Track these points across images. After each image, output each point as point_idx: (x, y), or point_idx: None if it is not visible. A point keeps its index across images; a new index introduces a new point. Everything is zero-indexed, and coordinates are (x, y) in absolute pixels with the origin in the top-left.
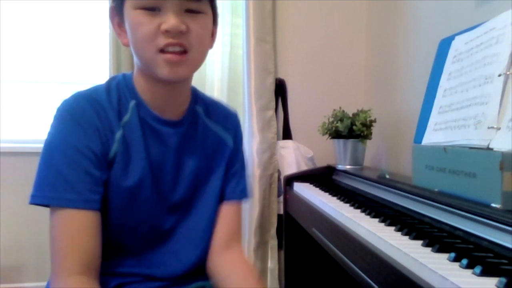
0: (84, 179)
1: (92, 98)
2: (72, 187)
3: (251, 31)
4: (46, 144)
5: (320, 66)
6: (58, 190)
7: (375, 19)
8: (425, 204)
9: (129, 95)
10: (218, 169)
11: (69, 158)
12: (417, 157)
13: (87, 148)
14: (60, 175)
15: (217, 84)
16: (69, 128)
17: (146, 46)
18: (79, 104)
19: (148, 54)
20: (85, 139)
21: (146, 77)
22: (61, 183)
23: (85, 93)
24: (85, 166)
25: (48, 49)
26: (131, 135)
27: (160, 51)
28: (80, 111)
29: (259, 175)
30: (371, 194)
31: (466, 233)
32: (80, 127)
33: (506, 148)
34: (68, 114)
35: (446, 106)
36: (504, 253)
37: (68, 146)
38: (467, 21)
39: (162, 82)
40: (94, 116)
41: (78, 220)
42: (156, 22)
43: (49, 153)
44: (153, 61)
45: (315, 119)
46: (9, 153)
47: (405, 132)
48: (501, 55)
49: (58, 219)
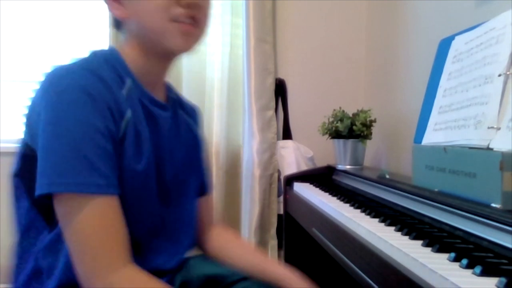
0: (108, 162)
1: (98, 74)
2: (99, 172)
3: (251, 31)
4: (55, 124)
5: (320, 66)
6: (84, 175)
7: (375, 19)
8: (425, 204)
9: (123, 72)
10: (198, 161)
11: (91, 139)
12: (417, 157)
13: (107, 129)
14: (84, 158)
15: (217, 84)
16: (86, 106)
17: (158, 15)
18: (89, 80)
19: (159, 23)
20: (103, 119)
21: (144, 52)
22: (86, 167)
23: (87, 67)
24: (108, 148)
25: (48, 49)
26: (137, 116)
27: (173, 20)
28: (92, 88)
29: (259, 175)
30: (371, 194)
31: (466, 233)
32: (97, 105)
33: (506, 148)
34: (80, 90)
35: (446, 106)
36: (504, 253)
37: (89, 126)
38: (467, 21)
39: (164, 55)
40: (106, 93)
41: (113, 207)
42: None
43: (64, 133)
44: (164, 30)
45: (315, 119)
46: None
47: (405, 132)
48: (501, 55)
49: (89, 209)
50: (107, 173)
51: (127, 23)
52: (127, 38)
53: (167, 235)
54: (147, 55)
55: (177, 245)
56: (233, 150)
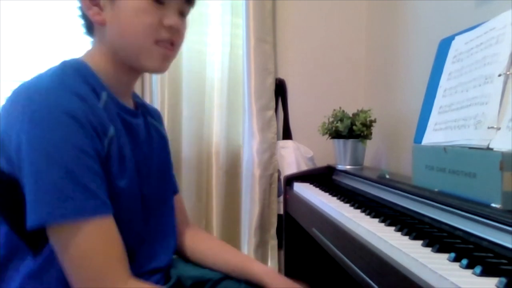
0: (99, 183)
1: (76, 92)
2: (94, 194)
3: (251, 31)
4: (43, 149)
5: (320, 66)
6: (80, 199)
7: (375, 19)
8: (425, 204)
9: (96, 85)
10: (169, 163)
11: (82, 162)
12: (417, 157)
13: (94, 150)
14: (78, 182)
15: (217, 84)
16: (72, 129)
17: (144, 35)
18: (71, 100)
19: (143, 43)
20: (90, 140)
21: (116, 62)
22: (80, 191)
23: (64, 85)
24: (97, 169)
25: (48, 50)
26: (118, 130)
27: (156, 43)
28: (75, 109)
29: (259, 175)
30: (371, 194)
31: (466, 233)
32: (82, 126)
33: (506, 148)
34: (63, 112)
35: (446, 106)
36: (504, 253)
37: (78, 149)
38: (467, 21)
39: (136, 70)
40: (89, 113)
41: (110, 226)
42: (159, 15)
43: (54, 159)
44: (147, 51)
45: (315, 119)
46: None
47: (405, 132)
48: (501, 55)
49: (88, 232)
50: (100, 194)
51: (102, 31)
52: (98, 45)
53: (156, 240)
54: (119, 66)
55: (166, 246)
56: (233, 150)
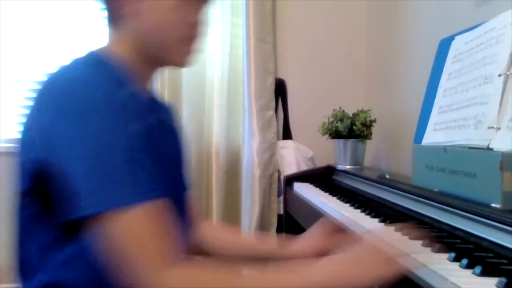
0: (153, 166)
1: (115, 79)
2: (149, 176)
3: (251, 31)
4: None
5: (320, 66)
6: (139, 184)
7: (375, 19)
8: (425, 204)
9: (125, 77)
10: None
11: (135, 145)
12: (417, 157)
13: (141, 135)
14: (134, 165)
15: (217, 84)
16: (119, 112)
17: (173, 32)
18: (111, 86)
19: (171, 40)
20: (137, 124)
21: (142, 57)
22: (136, 174)
23: (101, 72)
24: (146, 154)
25: (48, 50)
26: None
27: (182, 40)
28: (119, 94)
29: (259, 175)
30: (371, 194)
31: (466, 233)
32: (129, 110)
33: (506, 148)
34: (111, 99)
35: (446, 106)
36: (504, 253)
37: (129, 132)
38: (467, 21)
39: (160, 64)
40: (131, 100)
41: (165, 209)
42: (190, 13)
43: (108, 145)
44: (174, 48)
45: (315, 119)
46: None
47: (405, 132)
48: (501, 55)
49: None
50: (157, 177)
51: (129, 23)
52: (123, 37)
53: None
54: (144, 58)
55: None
56: (233, 150)
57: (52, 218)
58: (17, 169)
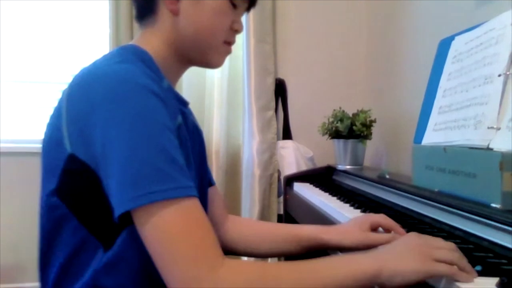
0: (184, 163)
1: (147, 73)
2: (185, 173)
3: (251, 31)
4: (132, 131)
5: (320, 66)
6: (178, 179)
7: (375, 19)
8: (425, 204)
9: (157, 73)
10: (205, 154)
11: (171, 140)
12: (417, 157)
13: (174, 131)
14: (172, 160)
15: (217, 84)
16: (158, 107)
17: (217, 34)
18: (146, 79)
19: (215, 41)
20: (171, 119)
21: (177, 54)
22: (176, 169)
23: (135, 66)
24: (179, 150)
25: (48, 49)
26: (182, 119)
27: (225, 43)
28: (156, 89)
29: (259, 175)
30: (371, 194)
31: (466, 233)
32: (163, 104)
33: (506, 148)
34: (149, 92)
35: (446, 106)
36: (504, 253)
37: (165, 126)
38: (467, 21)
39: (194, 63)
40: (163, 95)
41: (200, 206)
42: (231, 18)
43: (147, 138)
44: (216, 48)
45: (315, 119)
46: (9, 153)
47: (405, 132)
48: (501, 55)
49: (182, 211)
50: (189, 175)
51: (169, 20)
52: (159, 33)
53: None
54: (178, 56)
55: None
56: (233, 150)
57: (82, 219)
58: (43, 169)
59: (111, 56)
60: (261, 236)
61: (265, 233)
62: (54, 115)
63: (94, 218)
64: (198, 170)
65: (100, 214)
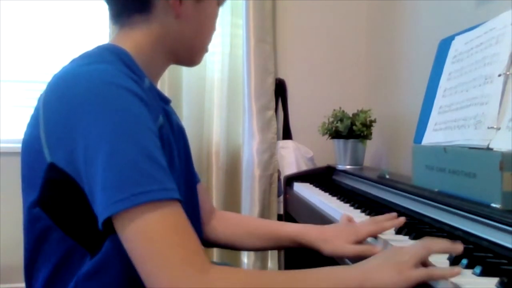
0: (167, 165)
1: (127, 73)
2: (169, 175)
3: (251, 31)
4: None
5: (320, 66)
6: (161, 181)
7: (375, 19)
8: (425, 204)
9: (138, 72)
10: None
11: (152, 140)
12: (417, 157)
13: (156, 132)
14: (156, 162)
15: (217, 84)
16: (136, 105)
17: (207, 38)
18: (127, 80)
19: (206, 43)
20: (154, 122)
21: (163, 53)
22: (160, 171)
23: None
24: (161, 150)
25: (48, 49)
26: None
27: (208, 43)
28: (133, 87)
29: (259, 175)
30: (371, 194)
31: (466, 233)
32: (144, 103)
33: (506, 148)
34: (124, 90)
35: (446, 106)
36: (504, 253)
37: (146, 127)
38: (467, 21)
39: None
40: (144, 96)
41: (182, 210)
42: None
43: (129, 137)
44: (201, 50)
45: (315, 119)
46: (9, 153)
47: (405, 132)
48: (501, 55)
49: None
50: (171, 178)
51: (164, 21)
52: (149, 31)
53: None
54: (164, 55)
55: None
56: (233, 150)
57: (67, 229)
58: (23, 181)
59: (88, 56)
60: (247, 232)
61: (251, 229)
62: (31, 123)
63: (79, 227)
64: (184, 169)
65: (84, 223)
